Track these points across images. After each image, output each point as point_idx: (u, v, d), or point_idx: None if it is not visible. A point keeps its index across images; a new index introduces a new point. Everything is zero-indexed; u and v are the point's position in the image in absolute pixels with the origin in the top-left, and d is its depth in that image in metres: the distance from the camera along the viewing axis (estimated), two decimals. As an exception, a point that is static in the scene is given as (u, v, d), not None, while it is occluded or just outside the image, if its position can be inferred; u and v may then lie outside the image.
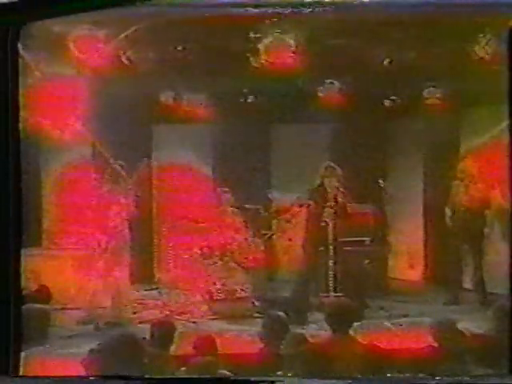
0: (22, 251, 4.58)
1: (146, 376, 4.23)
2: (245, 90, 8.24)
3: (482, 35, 6.96)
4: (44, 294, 7.00)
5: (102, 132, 7.95)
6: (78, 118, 7.51)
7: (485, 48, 7.01)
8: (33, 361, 4.70)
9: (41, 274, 7.30)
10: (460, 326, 5.73)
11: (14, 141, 4.37)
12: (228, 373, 5.02)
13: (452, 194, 7.89)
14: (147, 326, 6.05)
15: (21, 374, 4.52)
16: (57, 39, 6.75)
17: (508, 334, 4.89)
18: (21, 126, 4.51)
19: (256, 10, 6.10)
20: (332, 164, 7.77)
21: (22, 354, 4.55)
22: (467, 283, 7.81)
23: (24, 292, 5.04)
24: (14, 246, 4.36)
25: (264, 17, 6.38)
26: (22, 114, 4.58)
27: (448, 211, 7.74)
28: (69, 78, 7.36)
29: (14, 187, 4.37)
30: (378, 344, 5.60)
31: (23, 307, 4.68)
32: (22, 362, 4.53)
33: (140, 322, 6.99)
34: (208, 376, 4.62)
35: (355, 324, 6.02)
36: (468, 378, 4.41)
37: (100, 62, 7.25)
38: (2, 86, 4.30)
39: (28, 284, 6.47)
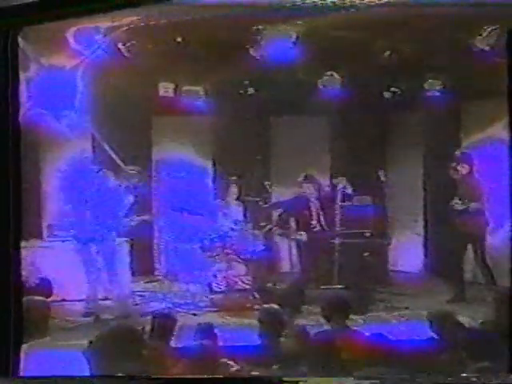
0: (22, 243, 4.57)
1: (147, 376, 4.22)
2: (245, 82, 8.22)
3: (483, 27, 6.94)
4: (45, 287, 7.02)
5: (102, 124, 7.94)
6: (77, 110, 7.49)
7: (486, 40, 6.98)
8: (34, 353, 4.69)
9: (40, 265, 7.32)
10: (460, 318, 5.72)
11: (13, 134, 4.36)
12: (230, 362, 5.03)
13: (454, 186, 7.88)
14: (148, 318, 6.04)
15: (22, 366, 4.51)
16: (56, 31, 6.71)
17: (507, 326, 4.86)
18: (20, 118, 4.49)
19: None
20: (310, 173, 7.84)
21: (23, 347, 4.54)
22: (468, 275, 7.80)
23: (25, 285, 5.03)
24: (14, 238, 4.34)
25: (265, 10, 6.35)
26: (21, 106, 4.57)
27: (453, 202, 7.70)
28: (68, 69, 7.34)
29: (14, 180, 4.35)
30: (379, 336, 5.57)
31: (23, 299, 4.67)
32: (22, 355, 4.52)
33: (141, 315, 7.01)
34: (208, 376, 4.61)
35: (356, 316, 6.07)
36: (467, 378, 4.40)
37: (99, 54, 7.23)
38: (2, 79, 4.28)
39: (28, 276, 6.49)
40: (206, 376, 4.65)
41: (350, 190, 7.85)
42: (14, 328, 4.28)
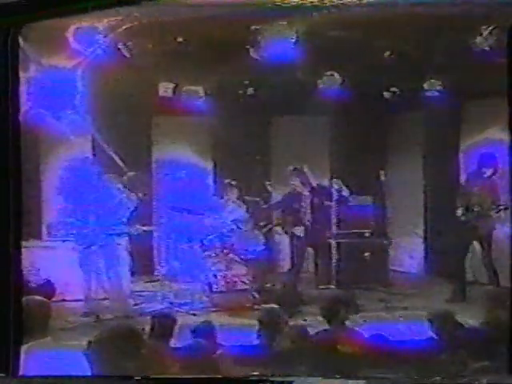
0: (21, 243, 4.57)
1: (146, 376, 4.22)
2: (245, 82, 8.21)
3: (483, 27, 6.93)
4: (48, 289, 7.02)
5: (102, 124, 7.93)
6: (77, 110, 7.48)
7: (486, 40, 6.97)
8: (34, 353, 4.69)
9: (40, 266, 7.32)
10: (460, 318, 5.71)
11: (14, 134, 4.35)
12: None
13: (455, 187, 7.88)
14: (148, 318, 6.03)
15: (22, 367, 4.50)
16: (56, 31, 6.70)
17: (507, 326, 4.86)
18: (20, 118, 4.48)
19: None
20: (298, 166, 7.84)
21: (23, 347, 4.54)
22: (468, 275, 7.80)
23: (27, 286, 5.02)
24: (14, 238, 4.33)
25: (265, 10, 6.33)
26: (21, 106, 4.56)
27: (458, 203, 7.68)
28: (68, 69, 7.33)
29: (14, 180, 4.34)
30: (379, 336, 5.57)
31: (23, 299, 4.66)
32: (22, 356, 4.51)
33: (140, 315, 7.00)
34: (208, 376, 4.61)
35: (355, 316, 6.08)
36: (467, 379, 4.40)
37: (99, 54, 7.22)
38: (2, 78, 4.28)
39: (28, 276, 6.48)
40: (206, 376, 4.63)
41: (345, 192, 7.85)
42: (14, 328, 4.26)
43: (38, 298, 5.43)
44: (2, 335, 4.22)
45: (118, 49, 7.34)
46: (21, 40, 4.48)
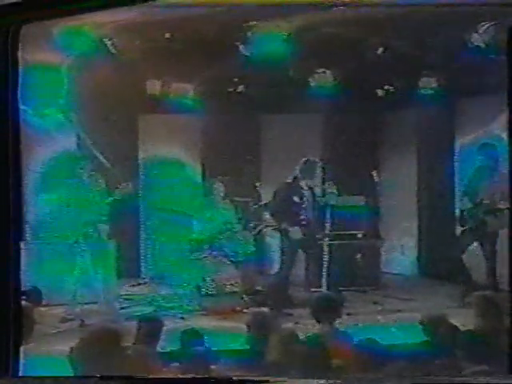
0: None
1: (145, 376, 4.16)
2: (235, 79, 8.15)
3: (479, 24, 6.88)
4: (36, 295, 6.90)
5: (88, 122, 7.85)
6: (62, 107, 7.41)
7: (482, 37, 6.92)
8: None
9: (24, 269, 7.17)
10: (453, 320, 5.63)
11: (13, 134, 4.29)
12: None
13: (450, 187, 7.83)
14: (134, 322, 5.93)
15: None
16: (42, 27, 6.60)
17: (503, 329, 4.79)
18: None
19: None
20: (312, 158, 7.72)
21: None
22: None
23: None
24: (14, 239, 4.26)
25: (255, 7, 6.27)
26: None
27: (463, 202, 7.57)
28: (54, 66, 7.25)
29: (14, 180, 4.30)
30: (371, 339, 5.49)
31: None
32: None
33: (127, 318, 6.89)
34: (207, 376, 4.54)
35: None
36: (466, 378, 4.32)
37: (86, 51, 7.15)
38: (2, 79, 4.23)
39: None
40: (200, 376, 4.56)
41: (330, 191, 7.74)
42: (14, 329, 4.24)
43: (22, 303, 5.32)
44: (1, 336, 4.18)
45: (105, 45, 7.29)
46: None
